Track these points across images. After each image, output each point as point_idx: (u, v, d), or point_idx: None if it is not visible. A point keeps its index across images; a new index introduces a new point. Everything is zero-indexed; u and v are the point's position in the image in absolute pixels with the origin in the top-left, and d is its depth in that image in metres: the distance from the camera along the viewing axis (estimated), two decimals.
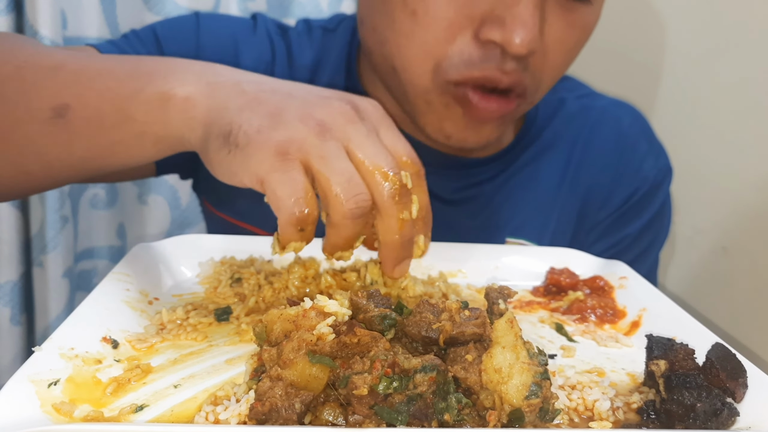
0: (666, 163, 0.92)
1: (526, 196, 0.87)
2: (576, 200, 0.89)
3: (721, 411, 0.42)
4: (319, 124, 0.50)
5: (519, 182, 0.87)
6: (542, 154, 0.88)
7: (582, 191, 0.89)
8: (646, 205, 0.90)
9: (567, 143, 0.89)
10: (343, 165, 0.49)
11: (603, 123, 0.91)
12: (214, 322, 0.57)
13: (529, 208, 0.87)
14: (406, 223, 0.52)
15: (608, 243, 0.89)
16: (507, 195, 0.87)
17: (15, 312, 1.22)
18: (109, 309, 0.54)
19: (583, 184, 0.89)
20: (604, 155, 0.89)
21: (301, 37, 0.87)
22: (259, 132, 0.49)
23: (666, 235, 0.95)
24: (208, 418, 0.42)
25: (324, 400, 0.42)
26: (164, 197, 1.34)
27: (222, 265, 0.68)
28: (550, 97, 0.89)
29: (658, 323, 0.60)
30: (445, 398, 0.41)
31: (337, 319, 0.45)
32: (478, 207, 0.86)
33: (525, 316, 0.63)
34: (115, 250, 1.36)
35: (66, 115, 0.56)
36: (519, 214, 0.87)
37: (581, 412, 0.46)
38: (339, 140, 0.50)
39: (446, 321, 0.45)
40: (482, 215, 0.86)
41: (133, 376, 0.46)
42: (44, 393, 0.41)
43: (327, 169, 0.49)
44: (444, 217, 0.83)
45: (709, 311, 1.12)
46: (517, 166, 0.87)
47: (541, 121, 0.89)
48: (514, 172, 0.87)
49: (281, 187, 0.48)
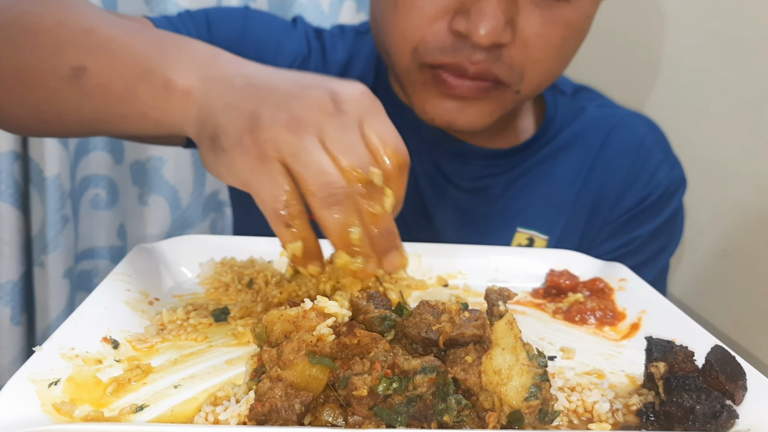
0: (680, 174, 0.95)
1: (540, 190, 0.91)
2: (589, 199, 0.92)
3: (720, 413, 0.42)
4: (293, 120, 0.50)
5: (534, 176, 0.92)
6: (559, 152, 0.92)
7: (595, 191, 0.92)
8: (658, 211, 0.93)
9: (585, 145, 0.93)
10: (315, 158, 0.50)
11: (621, 130, 0.95)
12: (214, 323, 0.57)
13: (542, 202, 0.91)
14: (378, 217, 0.52)
15: (617, 243, 0.92)
16: (521, 187, 0.91)
17: (15, 312, 1.22)
18: (110, 309, 0.54)
19: (598, 184, 0.92)
20: (620, 159, 0.93)
21: (334, 38, 0.94)
22: (239, 135, 0.50)
23: (677, 243, 0.96)
24: (208, 418, 0.42)
25: (324, 401, 0.42)
26: (165, 198, 1.34)
27: (222, 265, 0.68)
28: (572, 103, 0.96)
29: (657, 325, 0.60)
30: (444, 399, 0.41)
31: (337, 320, 0.45)
32: (493, 196, 0.91)
33: (525, 317, 0.64)
34: (115, 250, 1.36)
35: (81, 77, 0.59)
36: (532, 206, 0.91)
37: (580, 413, 0.46)
38: (313, 134, 0.51)
39: (446, 322, 0.45)
40: (496, 204, 0.91)
41: (134, 376, 0.46)
42: (45, 393, 0.41)
43: (300, 165, 0.49)
44: (460, 203, 0.91)
45: (709, 314, 1.12)
46: (534, 161, 0.91)
47: (560, 123, 0.93)
48: (531, 167, 0.91)
49: (262, 189, 0.50)
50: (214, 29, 0.87)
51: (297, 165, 0.49)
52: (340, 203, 0.50)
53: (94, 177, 1.29)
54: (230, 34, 0.88)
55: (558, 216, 0.91)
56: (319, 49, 0.92)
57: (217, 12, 0.90)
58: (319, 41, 0.93)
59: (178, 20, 0.86)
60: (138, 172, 1.33)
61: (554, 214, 0.91)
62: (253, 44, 0.87)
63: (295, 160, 0.49)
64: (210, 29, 0.87)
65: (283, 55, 0.90)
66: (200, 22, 0.87)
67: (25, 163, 1.18)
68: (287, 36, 0.91)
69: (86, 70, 0.59)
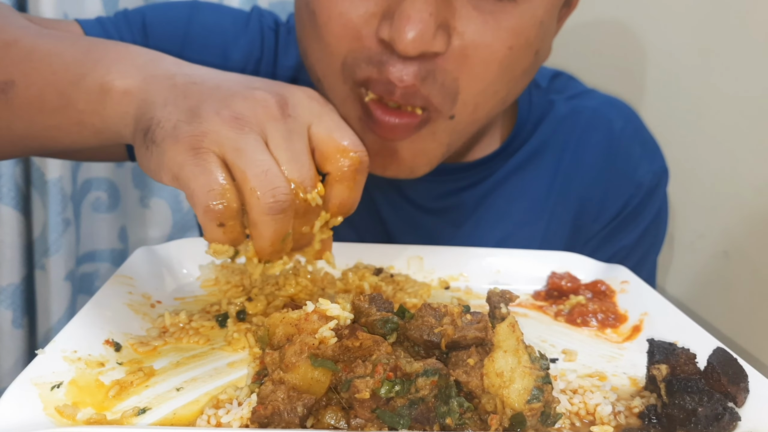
0: (661, 165, 0.88)
1: (511, 207, 0.82)
2: (567, 211, 0.84)
3: (722, 415, 0.42)
4: (236, 117, 0.47)
5: (504, 191, 0.82)
6: (529, 162, 0.83)
7: (574, 202, 0.84)
8: (641, 212, 0.86)
9: (555, 150, 0.84)
10: (260, 157, 0.46)
11: (594, 127, 0.85)
12: (216, 326, 0.57)
13: (515, 219, 0.83)
14: (304, 235, 0.51)
15: (605, 255, 0.85)
16: (491, 204, 0.82)
17: (17, 315, 1.23)
18: (112, 312, 0.54)
19: (575, 194, 0.84)
20: (596, 163, 0.84)
21: (289, 36, 0.84)
22: (174, 127, 0.47)
23: (663, 237, 0.92)
24: (210, 421, 0.42)
25: (326, 404, 0.42)
26: (166, 200, 1.34)
27: (223, 268, 0.68)
28: (540, 98, 0.85)
29: (659, 327, 0.60)
30: (446, 402, 0.41)
31: (339, 322, 0.45)
32: (461, 217, 0.82)
33: (526, 320, 0.64)
34: (116, 253, 1.36)
35: (9, 92, 0.55)
36: (504, 225, 0.83)
37: (582, 416, 0.46)
38: (257, 133, 0.47)
39: (448, 325, 0.45)
40: (466, 225, 0.82)
41: (136, 379, 0.46)
42: (47, 396, 0.41)
43: (242, 161, 0.46)
44: (425, 226, 0.81)
45: (711, 315, 1.11)
46: (501, 174, 0.82)
47: (532, 125, 0.83)
48: (500, 180, 0.82)
49: (194, 180, 0.45)
50: (152, 33, 0.79)
51: (240, 161, 0.46)
52: (284, 212, 0.46)
53: (95, 180, 1.29)
54: (170, 37, 0.79)
55: (534, 233, 0.83)
56: (272, 48, 0.83)
57: (156, 12, 0.81)
58: (274, 40, 0.83)
59: (111, 23, 0.79)
60: (139, 175, 1.33)
61: (529, 232, 0.83)
62: (195, 48, 0.79)
63: (238, 156, 0.46)
64: (146, 33, 0.79)
65: (233, 59, 0.81)
66: (135, 25, 0.79)
67: (27, 166, 1.19)
68: (237, 37, 0.81)
69: (14, 84, 0.55)
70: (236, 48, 0.81)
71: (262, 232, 0.47)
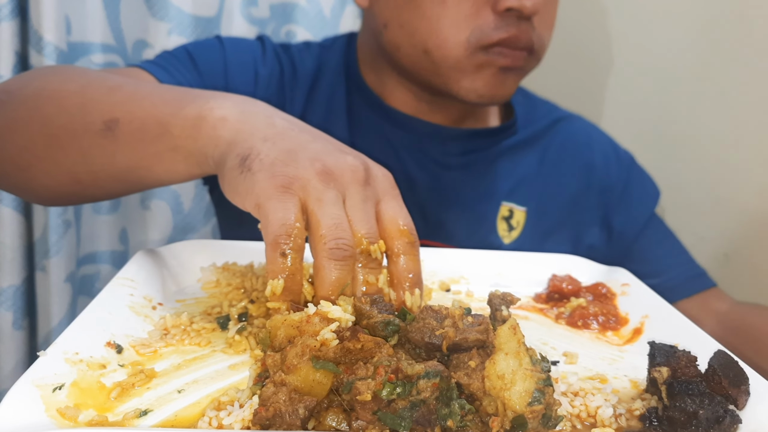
0: (626, 154, 1.05)
1: (522, 167, 1.00)
2: (577, 181, 1.02)
3: (723, 418, 0.42)
4: (327, 171, 0.53)
5: (521, 154, 1.00)
6: (543, 136, 1.03)
7: (584, 175, 1.02)
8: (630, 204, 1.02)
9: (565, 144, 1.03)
10: (336, 212, 0.52)
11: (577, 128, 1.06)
12: (217, 328, 0.57)
13: (522, 178, 0.99)
14: (372, 285, 0.54)
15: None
16: (505, 163, 1.00)
17: (17, 316, 1.23)
18: (113, 314, 0.54)
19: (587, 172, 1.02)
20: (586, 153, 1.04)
21: (302, 52, 0.99)
22: (272, 164, 0.52)
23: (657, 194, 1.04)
24: (212, 423, 0.42)
25: (327, 406, 0.42)
26: (167, 202, 1.34)
27: (224, 270, 0.68)
28: (527, 96, 1.07)
29: (660, 330, 0.60)
30: (448, 404, 0.41)
31: (341, 324, 0.45)
32: (478, 172, 0.98)
33: (527, 322, 0.64)
34: (117, 255, 1.36)
35: (115, 129, 0.62)
36: (512, 180, 0.99)
37: (584, 418, 0.46)
38: (339, 192, 0.53)
39: (449, 327, 0.45)
40: (484, 179, 0.99)
41: (138, 380, 0.46)
42: (49, 397, 0.41)
43: (320, 211, 0.51)
44: (445, 180, 0.98)
45: None
46: (518, 139, 1.00)
47: (544, 111, 1.05)
48: (514, 145, 1.00)
49: (273, 213, 0.50)
50: (200, 63, 0.90)
51: (318, 210, 0.51)
52: (345, 260, 0.51)
53: None
54: (216, 64, 0.91)
55: (533, 190, 0.99)
56: (289, 63, 0.97)
57: (196, 48, 0.92)
58: (287, 55, 0.98)
59: (166, 62, 0.88)
60: None
61: (531, 189, 0.99)
62: (237, 71, 0.92)
63: (318, 206, 0.52)
64: (196, 64, 0.90)
65: (261, 78, 0.94)
66: (184, 60, 0.89)
67: None
68: (261, 59, 0.96)
69: (118, 121, 0.62)
70: (263, 68, 0.95)
71: (324, 276, 0.51)
